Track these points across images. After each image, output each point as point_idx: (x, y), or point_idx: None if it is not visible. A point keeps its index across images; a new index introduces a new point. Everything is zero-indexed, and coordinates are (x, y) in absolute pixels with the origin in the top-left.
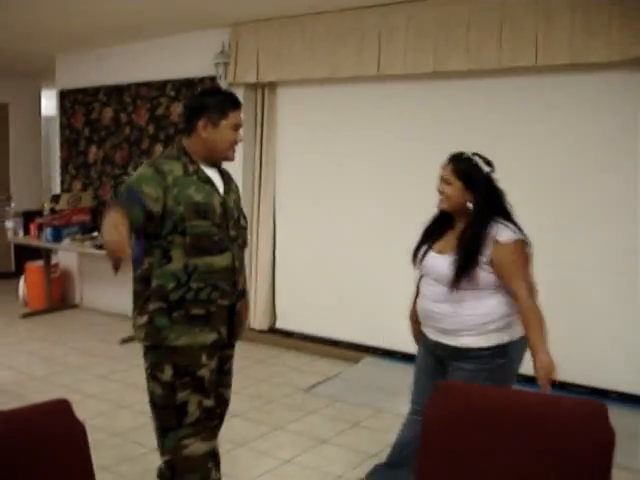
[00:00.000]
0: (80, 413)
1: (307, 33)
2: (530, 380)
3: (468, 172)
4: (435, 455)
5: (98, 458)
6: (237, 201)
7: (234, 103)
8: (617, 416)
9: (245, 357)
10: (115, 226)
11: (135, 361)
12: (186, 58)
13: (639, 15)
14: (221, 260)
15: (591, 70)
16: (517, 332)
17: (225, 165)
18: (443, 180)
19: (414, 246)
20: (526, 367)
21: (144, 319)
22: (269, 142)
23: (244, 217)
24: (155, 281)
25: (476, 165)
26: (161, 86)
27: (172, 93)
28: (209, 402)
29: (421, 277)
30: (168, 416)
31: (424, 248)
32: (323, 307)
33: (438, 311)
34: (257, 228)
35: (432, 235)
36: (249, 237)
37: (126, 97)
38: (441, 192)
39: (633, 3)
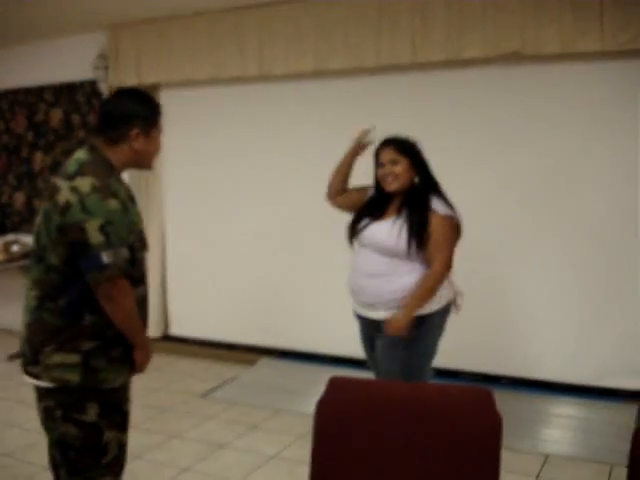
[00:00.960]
0: None
1: (188, 34)
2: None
3: (410, 149)
4: (329, 451)
5: None
6: None
7: (159, 108)
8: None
9: None
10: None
11: (20, 379)
12: (64, 62)
13: (513, 10)
14: (145, 290)
15: (467, 66)
16: (436, 304)
17: None
18: (389, 162)
19: (349, 223)
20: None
21: (74, 359)
22: None
23: None
24: (89, 317)
25: (413, 142)
26: (39, 91)
27: (51, 99)
28: (126, 438)
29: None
30: (84, 458)
31: (365, 221)
32: (217, 311)
33: (362, 284)
34: (146, 232)
35: (371, 212)
36: None
37: (3, 104)
38: (388, 173)
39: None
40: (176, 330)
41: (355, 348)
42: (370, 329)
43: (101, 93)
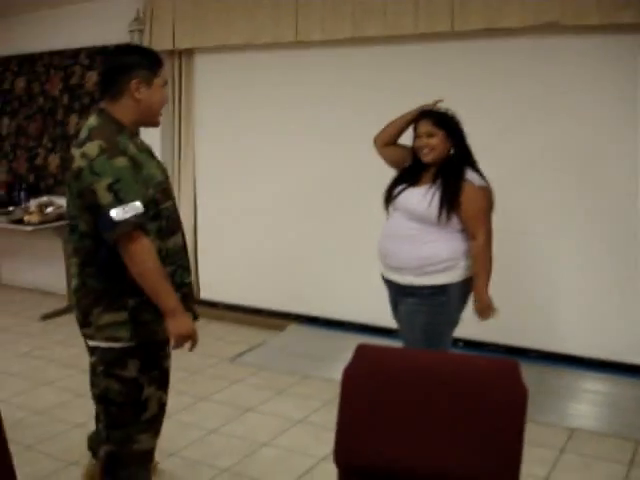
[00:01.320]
0: (0, 392)
1: None
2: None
3: (448, 121)
4: (355, 417)
5: (21, 437)
6: None
7: (159, 59)
8: (533, 373)
9: None
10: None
11: (57, 337)
12: (100, 25)
13: None
14: (180, 239)
15: (506, 35)
16: (458, 275)
17: (145, 132)
18: (425, 134)
19: (386, 188)
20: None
21: (122, 316)
22: (187, 109)
23: None
24: (127, 275)
25: (451, 115)
26: (74, 54)
27: (86, 61)
28: (166, 397)
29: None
30: (124, 413)
31: (401, 187)
32: (247, 276)
33: (391, 248)
34: (178, 199)
35: (407, 179)
36: None
37: (39, 66)
38: (425, 146)
39: None
40: (207, 294)
41: (383, 316)
42: (396, 293)
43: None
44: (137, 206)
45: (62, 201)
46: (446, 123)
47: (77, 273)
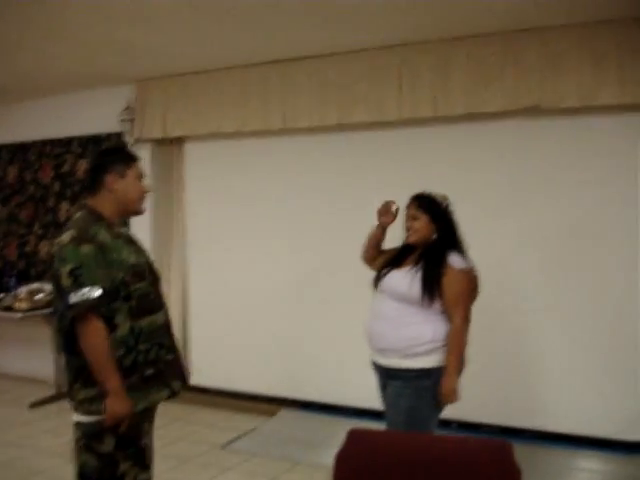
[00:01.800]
0: None
1: (213, 88)
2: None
3: (431, 206)
4: None
5: None
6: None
7: (133, 156)
8: (526, 453)
9: (160, 416)
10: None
11: (46, 426)
12: (91, 114)
13: (530, 66)
14: (160, 317)
15: (488, 119)
16: (443, 359)
17: (136, 219)
18: (410, 217)
19: (377, 271)
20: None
21: (93, 392)
22: (178, 196)
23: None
24: None
25: (435, 199)
26: (66, 143)
27: (78, 150)
28: (146, 475)
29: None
30: None
31: (388, 269)
32: (238, 361)
33: (375, 329)
34: (168, 284)
35: (395, 261)
36: None
37: (30, 155)
38: (409, 228)
39: (525, 54)
40: (197, 380)
41: (376, 400)
42: (383, 375)
43: (125, 145)
44: (94, 290)
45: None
46: (429, 208)
47: (62, 352)
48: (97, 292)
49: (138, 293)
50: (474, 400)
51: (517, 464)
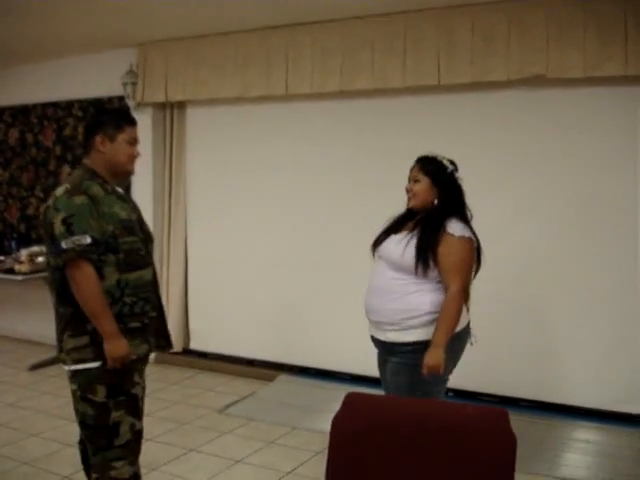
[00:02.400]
0: None
1: (215, 53)
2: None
3: (434, 169)
4: (343, 468)
5: None
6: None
7: (129, 119)
8: (524, 423)
9: (159, 379)
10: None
11: (44, 388)
12: (93, 78)
13: (536, 36)
14: (147, 274)
15: (492, 88)
16: None
17: (137, 183)
18: (412, 179)
19: (375, 238)
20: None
21: (84, 340)
22: (179, 161)
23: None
24: None
25: (441, 163)
26: (68, 106)
27: (79, 113)
28: (140, 425)
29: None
30: (99, 437)
31: (385, 235)
32: (237, 326)
33: (371, 302)
34: (168, 247)
35: (396, 227)
36: (162, 256)
37: (32, 118)
38: (410, 190)
39: (531, 24)
40: (196, 345)
41: (372, 367)
42: (381, 351)
43: (128, 108)
44: (85, 237)
45: None
46: (431, 171)
47: (54, 303)
48: (87, 239)
49: (127, 247)
50: (473, 369)
51: (513, 432)
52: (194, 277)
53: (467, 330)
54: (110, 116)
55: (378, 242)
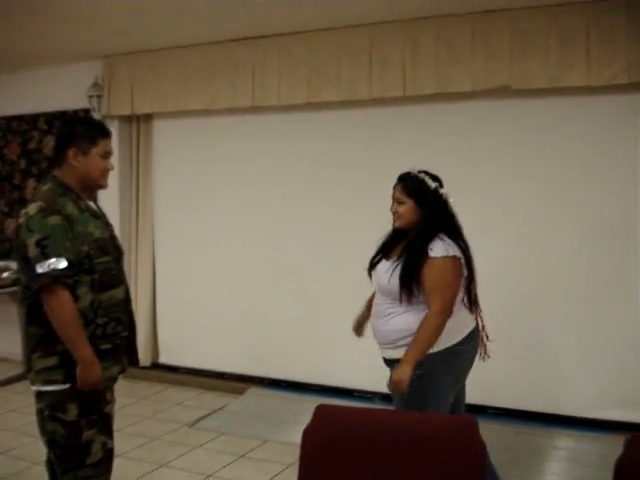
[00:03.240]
0: None
1: (181, 65)
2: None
3: (416, 189)
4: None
5: None
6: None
7: (103, 131)
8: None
9: (128, 394)
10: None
11: (11, 405)
12: (59, 91)
13: (500, 47)
14: (119, 293)
15: (454, 99)
16: (435, 346)
17: (103, 197)
18: (395, 200)
19: (370, 259)
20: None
21: (52, 361)
22: (146, 174)
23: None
24: None
25: (423, 181)
26: (33, 119)
27: (45, 126)
28: (111, 443)
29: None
30: (70, 455)
31: (378, 258)
32: (207, 340)
33: (373, 326)
34: (136, 262)
35: (387, 249)
36: (129, 270)
37: None
38: (394, 212)
39: (494, 35)
40: (165, 359)
41: (343, 378)
42: (388, 367)
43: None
44: (60, 261)
45: None
46: (414, 191)
47: (23, 322)
48: (63, 263)
49: (101, 267)
50: None
51: (482, 440)
52: (162, 291)
53: (467, 345)
54: (83, 128)
55: (372, 265)
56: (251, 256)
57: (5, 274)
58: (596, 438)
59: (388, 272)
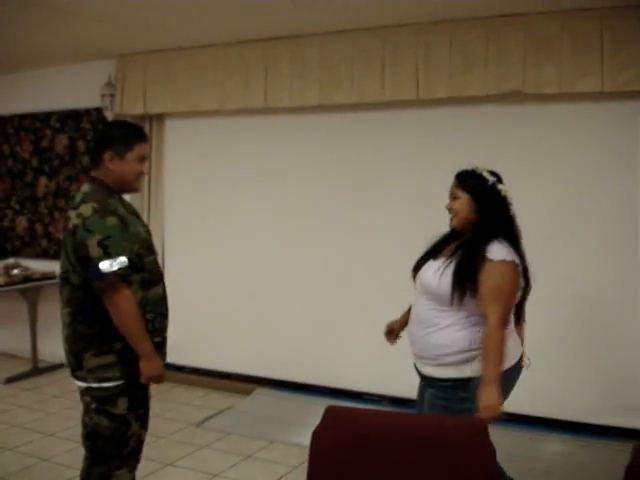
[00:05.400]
0: None
1: (194, 65)
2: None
3: (473, 184)
4: None
5: None
6: None
7: (140, 135)
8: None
9: None
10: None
11: (21, 401)
12: (72, 89)
13: (513, 52)
14: (161, 289)
15: (467, 103)
16: (473, 366)
17: None
18: (450, 195)
19: (415, 262)
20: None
21: (109, 359)
22: (157, 173)
23: None
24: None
25: (480, 175)
26: (45, 117)
27: (57, 125)
28: (144, 435)
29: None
30: (112, 447)
31: (425, 259)
32: (214, 340)
33: (412, 331)
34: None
35: (436, 250)
36: None
37: (9, 128)
38: (450, 208)
39: (508, 40)
40: (172, 358)
41: (351, 380)
42: (422, 380)
43: (106, 120)
44: (122, 260)
45: (29, 263)
46: (470, 186)
47: (69, 322)
48: (124, 262)
49: (149, 266)
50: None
51: (492, 443)
52: (171, 289)
53: (515, 367)
54: (120, 132)
55: (418, 267)
56: (261, 256)
57: (15, 271)
58: (600, 444)
59: (438, 272)
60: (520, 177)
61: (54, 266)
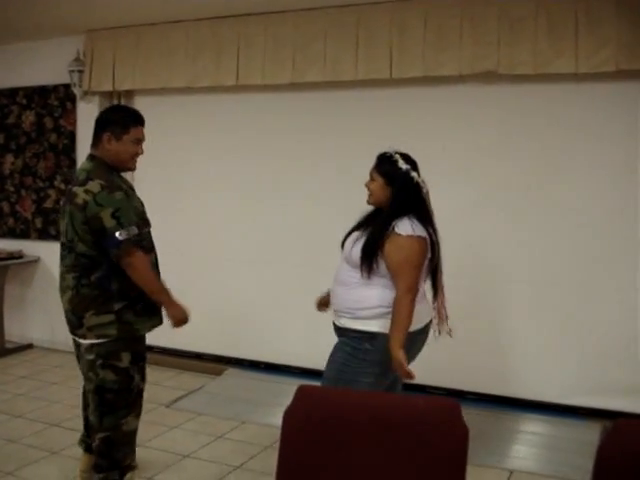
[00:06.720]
0: None
1: (165, 42)
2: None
3: (387, 168)
4: (295, 461)
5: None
6: None
7: (136, 119)
8: (472, 416)
9: None
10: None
11: (20, 372)
12: (39, 65)
13: (488, 32)
14: (154, 257)
15: (441, 83)
16: (381, 326)
17: None
18: (370, 177)
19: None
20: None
21: (109, 317)
22: None
23: None
24: (115, 285)
25: (396, 162)
26: (11, 93)
27: (24, 101)
28: (144, 385)
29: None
30: (119, 399)
31: (352, 231)
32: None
33: (334, 292)
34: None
35: (363, 224)
36: None
37: None
38: (367, 187)
39: (483, 19)
40: None
41: (321, 360)
42: (337, 336)
43: (74, 97)
44: (134, 228)
45: None
46: (384, 169)
47: (73, 285)
48: (135, 230)
49: (146, 236)
50: (420, 362)
51: (465, 424)
52: None
53: (422, 335)
54: (119, 115)
55: (345, 238)
56: (230, 236)
57: None
58: (572, 424)
59: (354, 241)
60: (496, 156)
61: (21, 245)
